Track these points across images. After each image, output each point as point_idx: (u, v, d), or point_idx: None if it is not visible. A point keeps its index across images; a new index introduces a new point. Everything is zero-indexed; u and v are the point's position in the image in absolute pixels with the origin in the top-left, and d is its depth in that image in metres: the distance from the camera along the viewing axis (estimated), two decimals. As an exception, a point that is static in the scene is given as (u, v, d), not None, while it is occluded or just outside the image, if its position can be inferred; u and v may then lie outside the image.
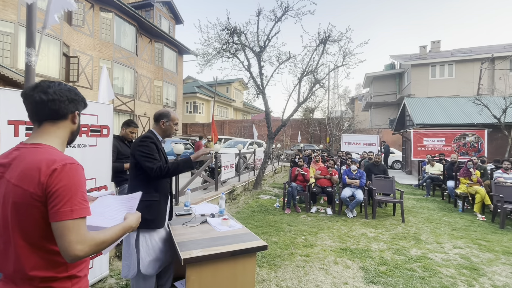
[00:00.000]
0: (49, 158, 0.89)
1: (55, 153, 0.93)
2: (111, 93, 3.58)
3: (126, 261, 2.01)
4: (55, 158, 0.89)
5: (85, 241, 0.86)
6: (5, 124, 1.93)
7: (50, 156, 0.90)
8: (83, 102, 1.08)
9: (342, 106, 24.14)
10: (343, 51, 7.95)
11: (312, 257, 3.42)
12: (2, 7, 9.46)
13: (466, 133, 10.46)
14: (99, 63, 14.00)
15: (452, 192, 6.69)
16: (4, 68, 6.99)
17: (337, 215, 5.51)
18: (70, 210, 0.85)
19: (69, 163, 0.90)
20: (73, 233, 0.84)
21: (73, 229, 0.85)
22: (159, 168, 1.91)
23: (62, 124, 1.01)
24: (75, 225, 0.86)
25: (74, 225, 0.85)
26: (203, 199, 5.39)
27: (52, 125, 0.99)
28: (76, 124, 1.07)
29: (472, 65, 18.80)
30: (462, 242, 4.12)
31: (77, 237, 0.85)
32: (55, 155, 0.91)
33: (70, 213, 0.85)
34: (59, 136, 1.01)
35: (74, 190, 0.88)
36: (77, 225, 0.86)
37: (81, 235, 0.86)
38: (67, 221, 0.85)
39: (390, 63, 25.48)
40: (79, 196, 0.89)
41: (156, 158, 1.96)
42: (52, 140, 0.98)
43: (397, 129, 15.15)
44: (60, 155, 0.92)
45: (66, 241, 0.83)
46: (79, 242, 0.84)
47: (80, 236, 0.85)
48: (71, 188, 0.87)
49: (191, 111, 26.09)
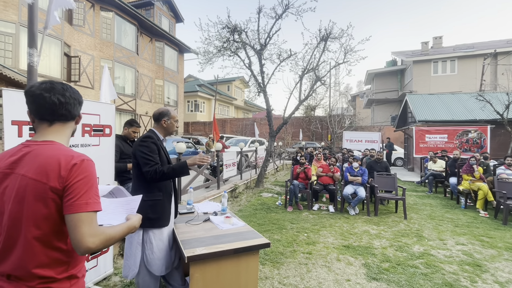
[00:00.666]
0: (67, 154, 0.93)
1: (69, 150, 0.98)
2: (113, 92, 3.59)
3: (127, 261, 2.02)
4: (72, 154, 0.94)
5: (96, 234, 0.89)
6: (9, 124, 1.95)
7: (68, 152, 0.95)
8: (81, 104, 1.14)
9: (343, 103, 24.07)
10: (344, 48, 7.92)
11: (314, 255, 3.43)
12: (3, 7, 9.48)
13: (468, 129, 10.40)
14: (100, 63, 14.03)
15: (454, 189, 6.67)
16: (6, 69, 7.02)
17: (339, 212, 5.52)
18: (85, 203, 0.89)
19: (86, 159, 0.95)
20: (86, 226, 0.87)
21: (87, 221, 0.88)
22: (154, 171, 1.90)
23: (70, 124, 1.07)
24: (89, 218, 0.89)
25: (87, 218, 0.89)
26: (206, 197, 5.41)
27: (63, 125, 1.04)
28: (77, 125, 1.13)
29: (474, 60, 18.67)
30: (464, 239, 4.12)
31: (90, 229, 0.88)
32: (71, 152, 0.96)
33: (85, 206, 0.89)
34: (67, 135, 1.07)
35: (90, 185, 0.92)
36: (90, 218, 0.89)
37: (93, 228, 0.89)
38: (82, 213, 0.88)
39: (391, 59, 25.35)
40: (94, 191, 0.93)
41: (154, 160, 1.95)
42: (62, 139, 1.03)
43: (399, 126, 15.10)
44: (75, 152, 0.97)
45: (79, 233, 0.86)
46: (91, 235, 0.87)
47: (92, 229, 0.88)
48: (88, 183, 0.92)
49: (192, 110, 26.11)
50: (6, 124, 1.93)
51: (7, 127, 1.94)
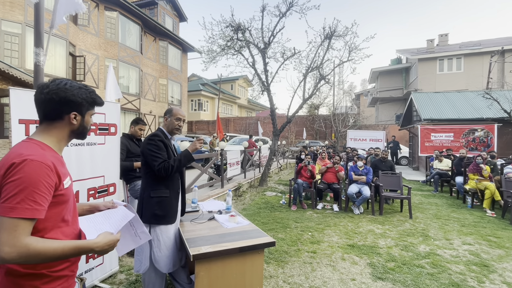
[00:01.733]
0: (18, 152, 0.87)
1: (28, 148, 0.89)
2: (118, 91, 3.61)
3: (138, 256, 2.05)
4: (22, 152, 0.86)
5: (15, 245, 0.78)
6: (16, 123, 1.97)
7: (21, 151, 0.88)
8: (86, 102, 1.05)
9: (347, 102, 23.90)
10: (349, 46, 7.86)
11: (319, 254, 3.42)
12: (10, 8, 9.59)
13: (475, 128, 10.27)
14: (104, 62, 14.13)
15: (461, 188, 6.60)
16: (12, 69, 7.11)
17: (344, 211, 5.49)
18: (11, 207, 0.79)
19: (30, 160, 0.84)
20: (5, 233, 0.77)
21: (7, 228, 0.78)
22: (164, 168, 1.95)
23: (58, 124, 1.01)
24: (11, 225, 0.78)
25: (9, 224, 0.78)
26: (210, 196, 5.42)
27: (49, 125, 1.00)
28: (76, 124, 1.04)
29: (481, 58, 18.37)
30: (471, 239, 4.07)
31: (8, 238, 0.77)
32: (25, 150, 0.87)
33: (9, 210, 0.79)
34: (55, 135, 1.00)
35: (23, 187, 0.81)
36: (14, 225, 0.78)
37: (14, 237, 0.78)
38: (3, 217, 0.79)
39: (396, 57, 25.08)
40: (29, 195, 0.82)
41: (162, 157, 1.99)
42: (47, 139, 0.98)
43: (404, 125, 14.96)
44: (29, 151, 0.88)
45: None
46: (9, 244, 0.77)
47: (12, 239, 0.77)
48: (21, 184, 0.81)
49: (196, 109, 26.18)
50: (13, 123, 1.96)
51: (15, 126, 1.96)
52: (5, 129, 9.64)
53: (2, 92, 8.06)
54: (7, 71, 6.92)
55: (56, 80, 1.00)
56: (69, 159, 2.20)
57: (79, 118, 1.04)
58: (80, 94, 1.02)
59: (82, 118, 1.05)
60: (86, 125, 1.09)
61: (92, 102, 1.08)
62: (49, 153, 0.94)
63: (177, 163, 2.01)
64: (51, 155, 0.94)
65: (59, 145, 1.03)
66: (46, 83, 0.99)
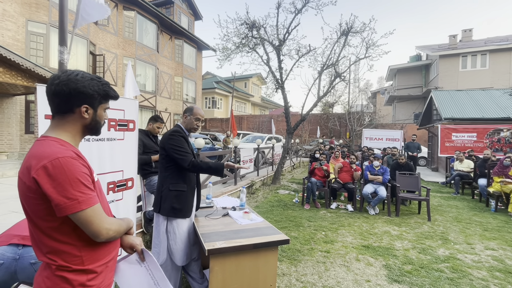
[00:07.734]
0: (43, 153, 0.86)
1: (51, 147, 0.89)
2: (136, 89, 3.71)
3: (156, 248, 2.11)
4: (48, 152, 0.86)
5: (108, 225, 0.94)
6: (42, 119, 2.06)
7: (45, 150, 0.87)
8: (98, 95, 0.99)
9: (363, 100, 23.31)
10: (366, 42, 7.65)
11: (332, 253, 3.38)
12: (35, 9, 10.04)
13: (500, 128, 9.74)
14: (123, 61, 14.54)
15: (484, 191, 6.29)
16: (38, 67, 7.45)
17: (358, 211, 5.38)
18: (79, 201, 0.86)
19: (61, 157, 0.86)
20: (96, 219, 0.90)
21: (94, 216, 0.90)
22: (192, 163, 2.02)
23: (69, 117, 0.97)
24: (92, 212, 0.89)
25: (90, 213, 0.89)
26: (223, 192, 5.47)
27: (61, 119, 0.96)
28: (88, 118, 0.99)
29: (508, 54, 17.38)
30: (495, 244, 3.88)
31: (100, 221, 0.91)
32: (49, 149, 0.87)
33: (78, 205, 0.86)
34: (68, 130, 0.97)
35: (68, 184, 0.85)
36: (98, 210, 0.92)
37: (103, 219, 0.92)
38: (80, 212, 0.86)
39: (415, 54, 24.17)
40: (77, 187, 0.86)
41: (187, 151, 2.06)
42: (60, 133, 0.95)
43: (423, 124, 14.42)
44: (53, 150, 0.87)
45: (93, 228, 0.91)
46: (104, 226, 0.93)
47: (104, 220, 0.93)
48: (65, 182, 0.84)
49: (210, 107, 26.43)
50: (40, 118, 2.05)
51: (41, 121, 2.05)
52: (30, 124, 10.15)
53: (28, 90, 8.48)
54: (33, 70, 7.26)
55: (68, 71, 0.95)
56: (90, 154, 2.28)
57: (91, 111, 0.98)
58: (92, 86, 0.96)
59: (94, 112, 0.99)
60: (99, 120, 1.03)
61: (105, 95, 1.01)
62: (70, 148, 0.93)
63: (206, 166, 2.07)
64: (72, 150, 0.93)
65: (75, 140, 0.99)
66: (57, 74, 0.95)
